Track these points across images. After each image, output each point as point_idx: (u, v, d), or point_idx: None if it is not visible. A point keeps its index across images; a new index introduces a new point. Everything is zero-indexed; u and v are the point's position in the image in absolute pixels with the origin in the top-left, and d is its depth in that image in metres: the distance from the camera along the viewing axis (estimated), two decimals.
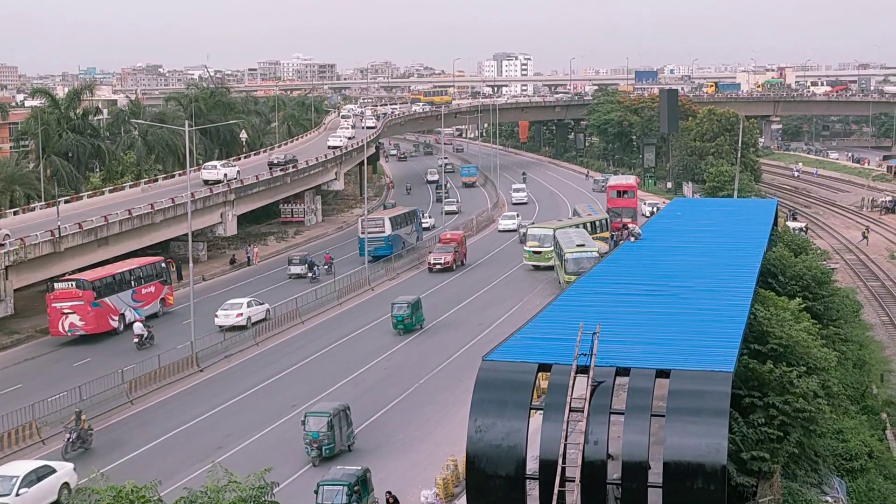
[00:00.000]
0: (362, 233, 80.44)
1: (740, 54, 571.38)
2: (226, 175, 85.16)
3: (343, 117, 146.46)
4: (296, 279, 74.52)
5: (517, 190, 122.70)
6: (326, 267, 76.55)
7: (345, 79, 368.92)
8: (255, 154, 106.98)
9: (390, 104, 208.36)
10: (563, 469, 23.27)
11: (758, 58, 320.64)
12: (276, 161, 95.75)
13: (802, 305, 38.90)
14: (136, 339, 56.30)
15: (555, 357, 25.67)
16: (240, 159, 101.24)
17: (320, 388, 46.23)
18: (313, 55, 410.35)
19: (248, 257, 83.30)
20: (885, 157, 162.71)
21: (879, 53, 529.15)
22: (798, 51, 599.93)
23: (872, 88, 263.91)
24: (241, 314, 59.22)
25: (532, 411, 24.96)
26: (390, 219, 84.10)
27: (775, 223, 57.42)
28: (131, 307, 61.68)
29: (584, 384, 24.48)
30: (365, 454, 36.29)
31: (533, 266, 73.82)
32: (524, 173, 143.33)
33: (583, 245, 65.53)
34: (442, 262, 76.47)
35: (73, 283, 59.05)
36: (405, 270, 77.73)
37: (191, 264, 58.82)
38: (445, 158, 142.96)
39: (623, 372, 24.88)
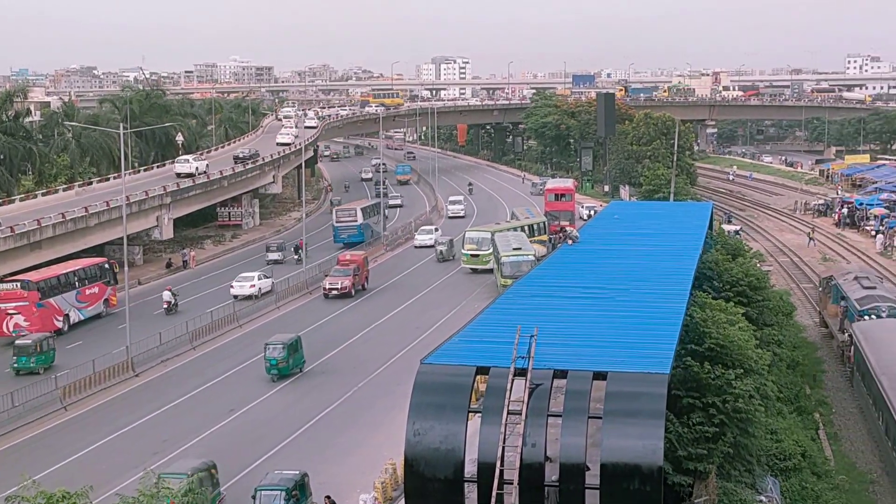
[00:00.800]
0: (337, 222, 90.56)
1: (677, 59, 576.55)
2: (197, 168, 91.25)
3: (286, 117, 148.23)
4: (274, 265, 79.21)
5: (454, 202, 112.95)
6: (299, 251, 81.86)
7: (282, 81, 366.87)
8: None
9: (339, 106, 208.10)
10: (502, 472, 23.28)
11: (693, 62, 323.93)
12: (241, 155, 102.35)
13: (738, 308, 39.37)
14: (164, 306, 64.34)
15: (493, 360, 25.68)
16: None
17: (257, 392, 45.98)
18: (251, 58, 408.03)
19: (185, 261, 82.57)
20: (818, 161, 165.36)
21: (812, 59, 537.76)
22: (734, 56, 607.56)
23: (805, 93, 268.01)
24: (254, 285, 68.63)
25: (470, 414, 24.95)
26: (361, 209, 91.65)
27: (710, 226, 58.02)
28: (76, 308, 61.44)
29: (522, 387, 24.51)
30: (303, 458, 36.09)
31: (471, 269, 73.96)
32: (471, 184, 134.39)
33: (520, 248, 65.79)
34: (339, 287, 67.58)
35: (18, 284, 58.61)
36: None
37: (126, 268, 58.17)
38: (379, 159, 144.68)
39: (560, 374, 24.94)
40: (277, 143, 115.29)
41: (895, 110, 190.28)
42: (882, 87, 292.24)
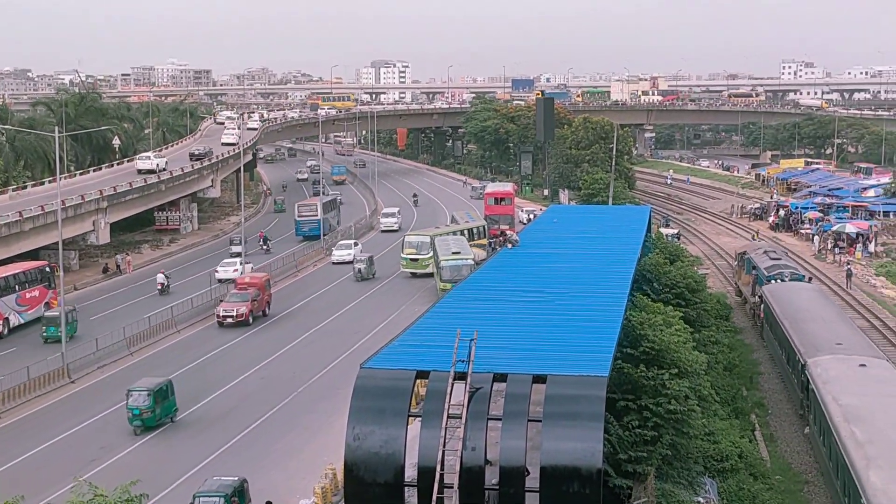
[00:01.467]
0: (299, 216, 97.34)
1: (616, 63, 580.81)
2: (158, 164, 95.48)
3: (228, 118, 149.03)
4: (236, 257, 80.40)
5: (388, 215, 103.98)
6: (261, 243, 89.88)
7: (221, 85, 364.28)
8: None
9: (287, 108, 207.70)
10: (442, 476, 23.30)
11: (631, 67, 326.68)
12: (196, 153, 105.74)
13: (675, 311, 39.75)
14: (158, 287, 70.51)
15: (433, 364, 25.70)
16: (113, 165, 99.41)
17: (196, 397, 45.55)
18: (188, 61, 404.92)
19: (118, 265, 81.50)
20: (754, 166, 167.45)
21: (747, 64, 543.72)
22: (671, 61, 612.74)
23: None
24: (237, 269, 73.28)
25: (410, 418, 24.95)
26: (322, 204, 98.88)
27: (649, 229, 58.52)
28: (15, 311, 60.62)
29: (462, 391, 24.55)
30: (242, 464, 35.80)
31: (410, 273, 73.89)
32: (416, 196, 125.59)
33: (459, 252, 65.92)
34: (234, 314, 60.26)
35: None
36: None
37: (61, 273, 57.40)
38: (314, 160, 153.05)
39: (500, 378, 25.02)
40: (223, 144, 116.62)
41: (829, 115, 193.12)
42: (816, 93, 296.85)
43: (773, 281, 63.94)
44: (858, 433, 33.90)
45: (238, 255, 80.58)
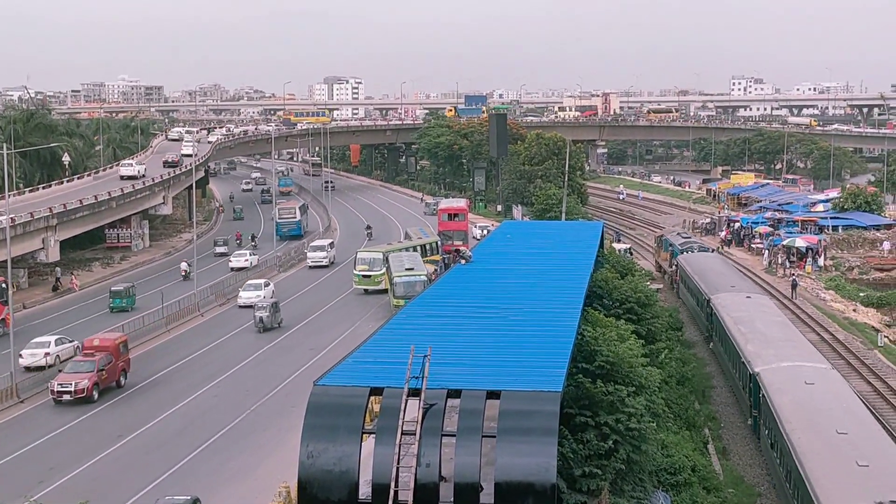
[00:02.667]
0: (280, 218, 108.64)
1: (568, 80, 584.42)
2: (139, 171, 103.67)
3: (188, 132, 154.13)
4: (220, 256, 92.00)
5: (316, 248, 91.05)
6: (238, 242, 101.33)
7: (172, 101, 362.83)
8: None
9: (254, 124, 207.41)
10: (396, 493, 23.23)
11: (584, 83, 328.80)
12: (170, 160, 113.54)
13: (628, 325, 39.93)
14: (182, 274, 79.26)
15: (386, 380, 25.62)
16: (62, 182, 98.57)
17: (148, 416, 45.16)
18: (140, 77, 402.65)
19: (57, 279, 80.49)
20: (705, 181, 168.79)
21: (698, 81, 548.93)
22: (623, 77, 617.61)
23: (691, 114, 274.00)
24: (248, 259, 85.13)
25: (364, 435, 24.86)
26: (298, 208, 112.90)
27: (601, 245, 58.79)
28: None
29: (416, 407, 24.50)
30: (194, 483, 35.47)
31: (364, 290, 73.71)
32: (369, 228, 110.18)
33: (412, 269, 65.92)
34: (73, 389, 47.17)
35: None
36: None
37: (9, 291, 56.72)
38: (258, 173, 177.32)
39: (454, 394, 24.99)
40: (183, 155, 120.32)
41: (778, 130, 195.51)
42: (766, 108, 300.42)
43: (685, 252, 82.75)
44: (743, 329, 52.36)
45: (223, 254, 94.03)
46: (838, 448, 33.33)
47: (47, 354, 54.90)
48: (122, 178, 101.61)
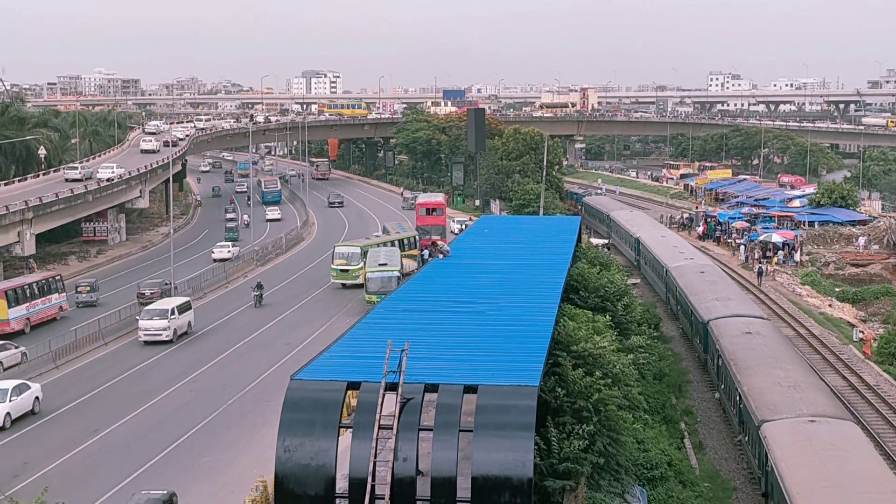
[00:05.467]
0: (265, 188, 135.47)
1: (546, 75, 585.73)
2: (156, 146, 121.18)
3: (179, 123, 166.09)
4: (230, 221, 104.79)
5: (154, 314, 59.28)
6: (233, 207, 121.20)
7: (150, 94, 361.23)
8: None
9: (277, 113, 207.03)
10: (373, 487, 23.21)
11: (563, 79, 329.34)
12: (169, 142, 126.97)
13: (605, 319, 39.99)
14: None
15: (364, 375, 25.59)
16: (38, 176, 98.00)
17: (124, 410, 44.97)
18: (117, 70, 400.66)
19: (30, 272, 79.98)
20: (682, 176, 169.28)
21: (676, 76, 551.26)
22: (602, 73, 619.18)
23: (669, 110, 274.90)
24: (230, 251, 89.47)
25: (341, 430, 24.82)
26: (279, 179, 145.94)
27: (579, 239, 58.90)
28: None
29: (394, 402, 24.48)
30: (170, 478, 35.35)
31: (341, 284, 73.57)
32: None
33: (386, 264, 65.84)
34: None
35: None
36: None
37: None
38: (210, 159, 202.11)
39: (431, 388, 24.97)
40: (178, 138, 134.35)
41: (755, 127, 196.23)
42: (743, 104, 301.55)
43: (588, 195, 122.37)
44: (656, 248, 73.00)
45: (233, 219, 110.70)
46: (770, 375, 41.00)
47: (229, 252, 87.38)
48: (142, 151, 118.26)
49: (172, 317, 58.63)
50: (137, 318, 59.91)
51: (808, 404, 37.55)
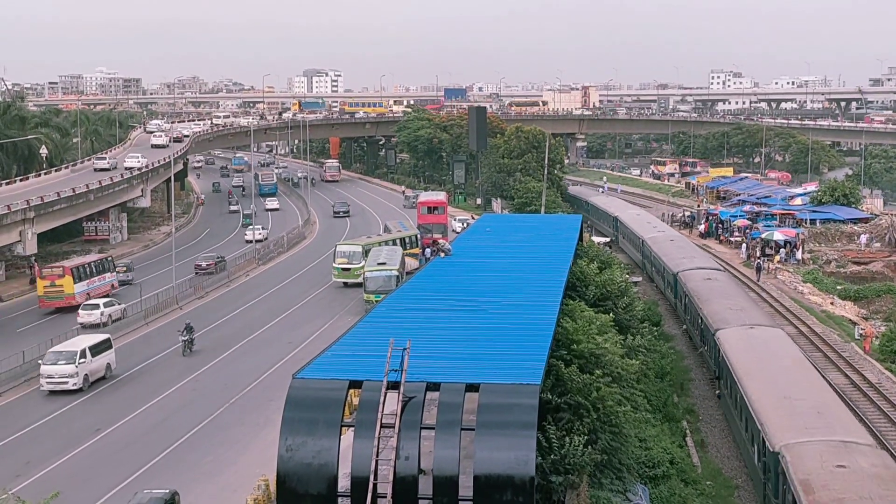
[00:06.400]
0: (262, 181, 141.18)
1: (548, 74, 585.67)
2: (168, 141, 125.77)
3: (191, 120, 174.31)
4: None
5: (59, 357, 49.36)
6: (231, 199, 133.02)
7: (151, 94, 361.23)
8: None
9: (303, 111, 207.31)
10: (375, 486, 23.20)
11: (564, 77, 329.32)
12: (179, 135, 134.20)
13: (607, 318, 39.96)
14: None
15: (366, 374, 25.59)
16: (40, 175, 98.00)
17: (126, 409, 44.98)
18: (118, 69, 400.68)
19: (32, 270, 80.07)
20: (684, 174, 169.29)
21: (677, 74, 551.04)
22: (603, 71, 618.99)
23: (671, 108, 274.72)
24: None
25: (343, 429, 24.81)
26: (275, 173, 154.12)
27: (580, 238, 58.88)
28: None
29: (395, 400, 24.48)
30: (173, 477, 35.36)
31: (343, 283, 73.51)
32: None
33: (384, 264, 65.78)
34: None
35: None
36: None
37: None
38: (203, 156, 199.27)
39: (433, 387, 24.97)
40: (184, 134, 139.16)
41: (756, 125, 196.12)
42: (744, 102, 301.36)
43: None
44: (632, 224, 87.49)
45: (236, 211, 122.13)
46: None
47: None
48: (153, 146, 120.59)
49: (82, 361, 48.97)
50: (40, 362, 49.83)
51: (749, 318, 52.45)
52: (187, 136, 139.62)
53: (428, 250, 77.43)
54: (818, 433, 33.54)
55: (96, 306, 64.00)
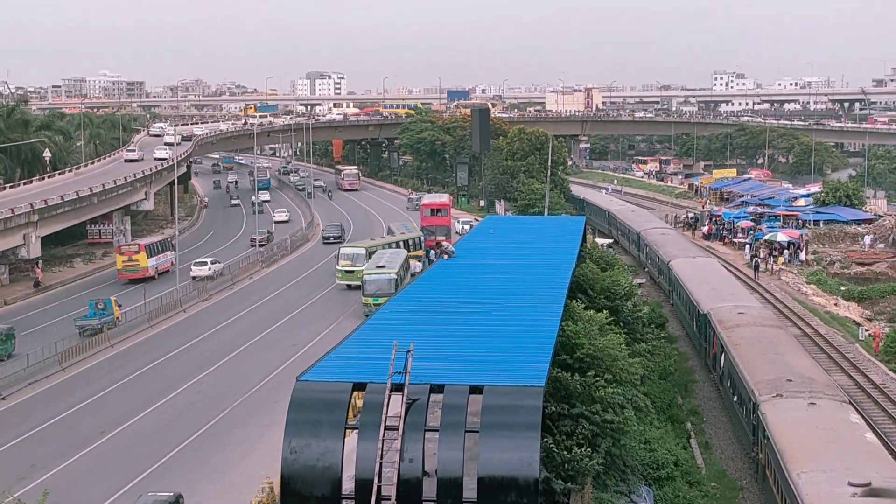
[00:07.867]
0: (258, 178, 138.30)
1: (551, 75, 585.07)
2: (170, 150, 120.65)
3: (203, 122, 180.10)
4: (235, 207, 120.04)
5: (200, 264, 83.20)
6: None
7: (154, 96, 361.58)
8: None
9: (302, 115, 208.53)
10: (379, 488, 23.22)
11: (566, 79, 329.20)
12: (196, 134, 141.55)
13: (610, 319, 39.96)
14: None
15: (369, 376, 25.59)
16: (43, 178, 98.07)
17: (130, 412, 45.01)
18: (121, 72, 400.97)
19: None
20: (687, 175, 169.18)
21: (680, 76, 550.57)
22: (606, 72, 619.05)
23: (674, 109, 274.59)
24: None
25: (347, 431, 24.82)
26: (269, 172, 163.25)
27: (584, 239, 58.86)
28: None
29: (399, 402, 24.49)
30: (177, 479, 35.38)
31: (346, 285, 73.44)
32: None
33: (384, 266, 65.69)
34: None
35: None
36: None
37: None
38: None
39: (437, 389, 24.98)
40: (195, 135, 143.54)
41: (760, 126, 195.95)
42: (748, 103, 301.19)
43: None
44: (628, 219, 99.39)
45: (237, 206, 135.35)
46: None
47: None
48: (155, 159, 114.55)
49: None
50: None
51: (737, 300, 57.54)
52: (199, 135, 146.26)
53: (431, 252, 77.45)
54: (730, 301, 56.86)
55: (205, 263, 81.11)
